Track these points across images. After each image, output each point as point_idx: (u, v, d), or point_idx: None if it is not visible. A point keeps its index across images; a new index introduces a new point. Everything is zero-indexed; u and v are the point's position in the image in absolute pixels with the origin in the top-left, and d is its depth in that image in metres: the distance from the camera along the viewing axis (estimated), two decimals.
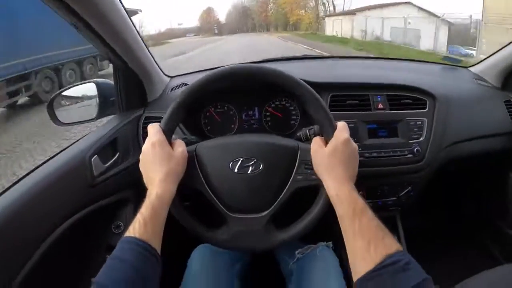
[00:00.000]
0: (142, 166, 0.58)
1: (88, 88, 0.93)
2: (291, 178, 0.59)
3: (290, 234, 0.60)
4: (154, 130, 0.58)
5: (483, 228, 1.18)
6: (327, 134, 0.58)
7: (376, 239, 0.45)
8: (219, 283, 0.69)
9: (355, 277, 0.45)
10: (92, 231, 0.80)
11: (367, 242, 0.45)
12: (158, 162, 0.55)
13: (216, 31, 52.98)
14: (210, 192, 0.59)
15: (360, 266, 0.44)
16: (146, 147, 0.57)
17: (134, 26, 0.78)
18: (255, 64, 0.63)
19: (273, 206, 0.59)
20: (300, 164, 0.59)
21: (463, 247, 1.18)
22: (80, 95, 0.94)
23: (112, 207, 0.81)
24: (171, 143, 0.59)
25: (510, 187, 1.05)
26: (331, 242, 0.76)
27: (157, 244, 0.49)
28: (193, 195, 0.61)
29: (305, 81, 0.61)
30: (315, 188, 0.59)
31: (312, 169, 0.58)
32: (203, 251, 0.74)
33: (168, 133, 0.59)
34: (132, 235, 0.46)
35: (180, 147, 0.58)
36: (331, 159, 0.55)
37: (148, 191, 0.54)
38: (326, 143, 0.57)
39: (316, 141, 0.59)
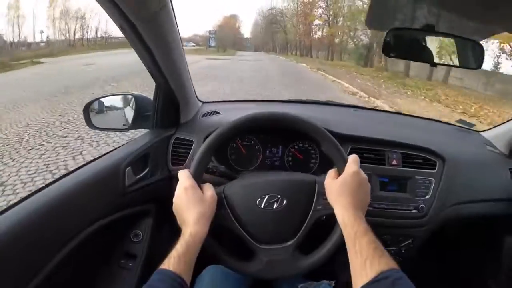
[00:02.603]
0: (175, 209, 0.64)
1: (126, 100, 1.00)
2: (312, 208, 0.66)
3: (315, 259, 0.65)
4: (185, 176, 0.64)
5: (476, 287, 1.21)
6: (339, 167, 0.66)
7: (373, 258, 0.51)
8: None
9: None
10: (114, 236, 0.85)
11: (364, 260, 0.51)
12: (192, 205, 0.61)
13: (212, 43, 35.47)
14: (240, 229, 0.65)
15: (357, 280, 0.50)
16: (178, 192, 0.63)
17: (183, 49, 0.84)
18: (276, 112, 0.70)
19: (298, 235, 0.66)
20: (318, 195, 0.67)
21: None
22: (116, 104, 1.01)
23: (135, 216, 0.86)
24: (200, 186, 0.65)
25: (505, 250, 1.09)
26: (333, 281, 0.80)
27: (187, 278, 0.54)
28: (224, 232, 0.66)
29: (329, 130, 0.69)
30: (333, 216, 0.65)
31: None
32: (213, 272, 0.78)
33: (198, 177, 0.65)
34: (167, 268, 0.52)
35: (209, 190, 0.64)
36: (340, 189, 0.62)
37: (182, 230, 0.60)
38: (339, 175, 0.65)
39: (330, 174, 0.67)
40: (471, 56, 0.80)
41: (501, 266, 1.10)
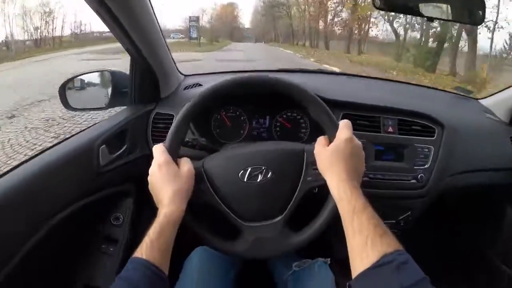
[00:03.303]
0: (150, 188, 0.58)
1: (103, 76, 0.94)
2: (301, 180, 0.60)
3: (307, 236, 0.60)
4: (159, 151, 0.59)
5: (476, 259, 1.20)
6: (330, 134, 0.59)
7: (375, 237, 0.45)
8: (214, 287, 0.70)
9: (353, 274, 0.45)
10: (92, 220, 0.81)
11: (365, 240, 0.45)
12: (166, 182, 0.56)
13: (193, 34, 24.37)
14: (222, 204, 0.60)
15: (357, 264, 0.45)
16: (152, 169, 0.58)
17: (158, 23, 0.78)
18: (256, 75, 0.65)
19: (286, 211, 0.60)
20: (307, 165, 0.60)
21: (453, 277, 1.20)
22: (93, 82, 0.95)
23: (113, 198, 0.82)
24: (177, 162, 0.59)
25: (505, 221, 1.06)
26: (329, 259, 0.76)
27: (164, 264, 0.49)
28: (206, 210, 0.61)
29: (319, 96, 0.62)
30: (325, 188, 0.59)
31: None
32: (201, 254, 0.74)
33: (174, 151, 0.59)
34: (140, 256, 0.47)
35: (185, 165, 0.59)
36: (332, 158, 0.56)
37: (157, 212, 0.55)
38: (330, 142, 0.58)
39: (320, 141, 0.60)
40: (474, 11, 0.75)
41: (500, 236, 1.08)
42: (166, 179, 0.56)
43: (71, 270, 0.77)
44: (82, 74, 0.93)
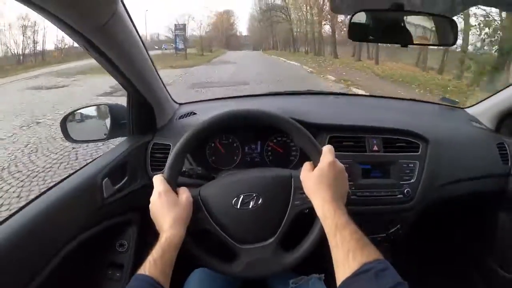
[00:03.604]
0: (152, 215, 0.63)
1: (101, 110, 0.99)
2: (290, 204, 0.65)
3: (298, 255, 0.65)
4: (158, 181, 0.64)
5: (473, 266, 1.21)
6: (314, 159, 0.64)
7: (356, 249, 0.49)
8: None
9: (337, 284, 0.49)
10: (98, 248, 0.84)
11: (347, 252, 0.49)
12: (166, 210, 0.61)
13: (179, 45, 21.09)
14: (219, 230, 0.64)
15: (340, 274, 0.49)
16: (153, 197, 0.63)
17: (148, 54, 0.82)
18: (248, 109, 0.69)
19: (278, 233, 0.64)
20: (295, 190, 0.65)
21: (452, 284, 1.21)
22: (92, 115, 1.00)
23: (118, 227, 0.85)
24: (176, 191, 0.64)
25: (500, 227, 1.08)
26: (323, 275, 0.79)
27: (166, 283, 0.53)
28: (204, 234, 0.65)
29: (306, 122, 0.67)
30: (313, 210, 0.63)
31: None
32: (200, 275, 0.78)
33: (172, 181, 0.64)
34: (143, 273, 0.52)
35: (184, 194, 0.64)
36: (317, 182, 0.61)
37: (159, 236, 0.59)
38: (315, 167, 0.63)
39: (305, 167, 0.65)
40: (446, 33, 0.78)
41: (495, 242, 1.09)
42: (166, 207, 0.61)
43: None
44: (81, 108, 0.98)
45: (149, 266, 0.53)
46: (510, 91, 1.03)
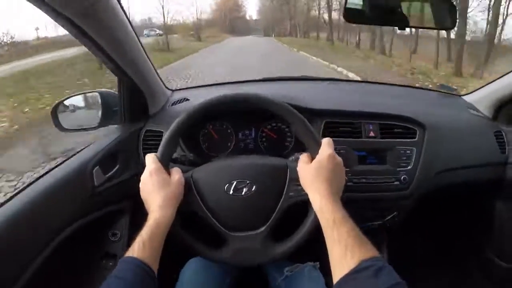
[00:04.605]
0: (142, 194, 0.62)
1: (92, 97, 0.97)
2: (283, 195, 0.63)
3: (287, 247, 0.63)
4: (151, 160, 0.62)
5: (470, 256, 1.21)
6: (312, 151, 0.62)
7: (353, 246, 0.48)
8: None
9: (334, 281, 0.48)
10: (90, 238, 0.83)
11: (344, 249, 0.48)
12: (156, 189, 0.59)
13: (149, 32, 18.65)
14: (209, 214, 0.63)
15: (337, 271, 0.48)
16: (144, 176, 0.61)
17: (138, 39, 0.80)
18: (246, 93, 0.67)
19: (268, 223, 0.63)
20: (290, 181, 0.64)
21: (449, 274, 1.21)
22: (83, 103, 0.97)
23: (110, 216, 0.84)
24: (168, 171, 0.63)
25: (497, 216, 1.07)
26: (318, 262, 0.79)
27: (154, 264, 0.52)
28: (193, 218, 0.64)
29: (301, 107, 0.65)
30: (307, 202, 0.62)
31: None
32: (195, 264, 0.77)
33: (165, 161, 0.63)
34: (131, 255, 0.50)
35: (176, 174, 0.62)
36: (315, 175, 0.59)
37: (148, 216, 0.58)
38: (312, 159, 0.61)
39: (303, 159, 0.63)
40: (444, 17, 0.77)
41: (493, 231, 1.09)
42: (157, 186, 0.59)
43: (73, 286, 0.79)
44: (71, 97, 0.95)
45: (138, 249, 0.51)
46: (508, 79, 1.02)
